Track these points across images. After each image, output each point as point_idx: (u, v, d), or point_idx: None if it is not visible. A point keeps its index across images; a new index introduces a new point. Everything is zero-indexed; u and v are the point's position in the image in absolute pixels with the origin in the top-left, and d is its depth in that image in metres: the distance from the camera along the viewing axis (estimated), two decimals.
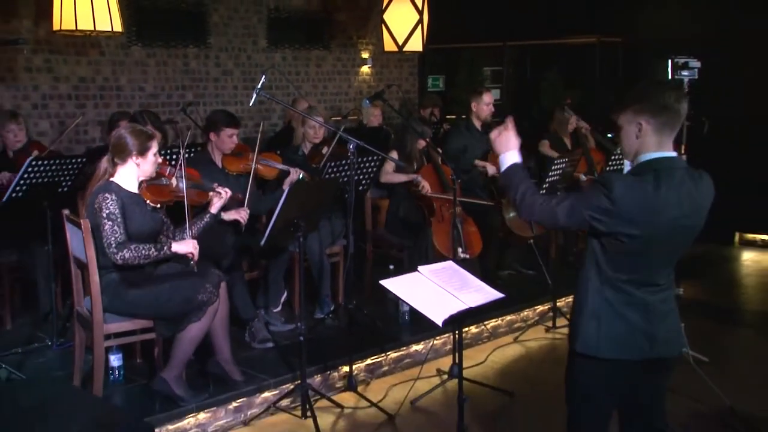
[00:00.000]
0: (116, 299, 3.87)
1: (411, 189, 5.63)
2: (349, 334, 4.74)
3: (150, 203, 3.94)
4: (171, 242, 3.90)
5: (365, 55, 9.45)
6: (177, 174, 4.12)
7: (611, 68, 9.25)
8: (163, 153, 4.77)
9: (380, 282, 3.22)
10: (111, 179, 3.88)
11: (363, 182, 5.30)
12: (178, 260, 4.02)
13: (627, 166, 2.71)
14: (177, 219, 4.11)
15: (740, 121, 7.63)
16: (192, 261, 3.88)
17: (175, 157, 4.91)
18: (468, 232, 5.53)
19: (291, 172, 5.05)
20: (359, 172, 5.15)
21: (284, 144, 6.36)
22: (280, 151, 5.57)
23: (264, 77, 4.47)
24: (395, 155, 5.65)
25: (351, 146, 4.49)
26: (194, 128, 6.46)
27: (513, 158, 2.75)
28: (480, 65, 10.59)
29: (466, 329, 5.18)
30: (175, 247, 3.86)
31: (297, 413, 4.19)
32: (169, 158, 4.96)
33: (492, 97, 6.32)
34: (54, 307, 4.81)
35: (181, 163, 4.08)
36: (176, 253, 3.88)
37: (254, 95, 4.44)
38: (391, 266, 6.00)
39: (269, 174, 5.11)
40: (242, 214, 4.59)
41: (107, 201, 3.74)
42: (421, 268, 3.32)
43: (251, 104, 4.80)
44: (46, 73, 6.86)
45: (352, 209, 4.64)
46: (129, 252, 3.73)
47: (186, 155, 4.45)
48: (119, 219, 3.75)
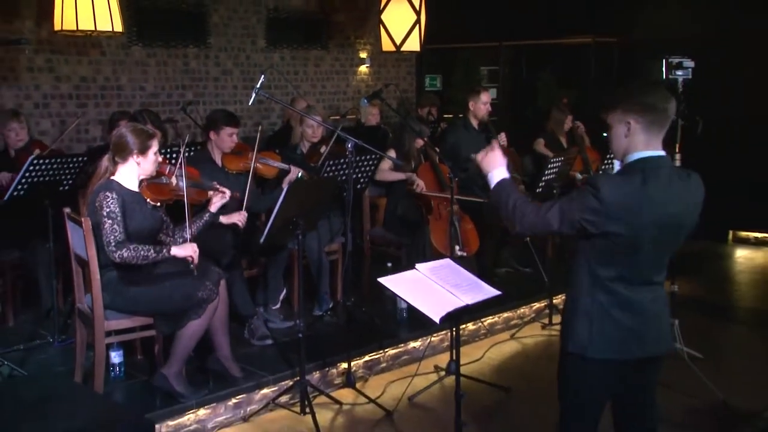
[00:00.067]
0: (117, 296, 3.89)
1: (408, 187, 5.67)
2: (348, 331, 4.75)
3: (150, 202, 3.96)
4: (171, 246, 3.90)
5: (363, 55, 9.46)
6: (177, 173, 4.14)
7: (606, 68, 9.24)
8: (164, 152, 4.79)
9: (378, 279, 3.22)
10: (112, 178, 3.90)
11: (361, 181, 5.31)
12: (178, 261, 4.04)
13: (617, 166, 2.75)
14: (177, 218, 4.13)
15: (739, 121, 7.63)
16: (192, 264, 3.89)
17: (175, 156, 4.92)
18: (465, 230, 5.55)
19: (290, 171, 5.08)
20: (357, 171, 5.17)
21: (282, 143, 6.36)
22: (279, 150, 5.59)
23: (263, 77, 4.50)
24: (393, 154, 5.67)
25: (349, 145, 4.52)
26: (194, 127, 6.49)
27: (501, 174, 2.78)
28: (476, 65, 10.59)
29: (464, 326, 5.21)
30: (175, 251, 3.87)
31: (296, 409, 4.22)
32: (169, 157, 4.98)
33: (489, 97, 6.34)
34: (55, 305, 4.85)
35: (181, 162, 4.09)
36: (175, 257, 3.89)
37: (253, 95, 4.47)
38: (389, 264, 6.06)
39: (269, 173, 5.13)
40: (240, 218, 4.63)
41: (108, 199, 3.76)
42: (419, 266, 3.33)
43: (250, 103, 4.84)
44: (48, 73, 6.88)
45: (351, 207, 4.68)
46: (128, 252, 3.74)
47: (186, 154, 4.45)
48: (119, 218, 3.77)
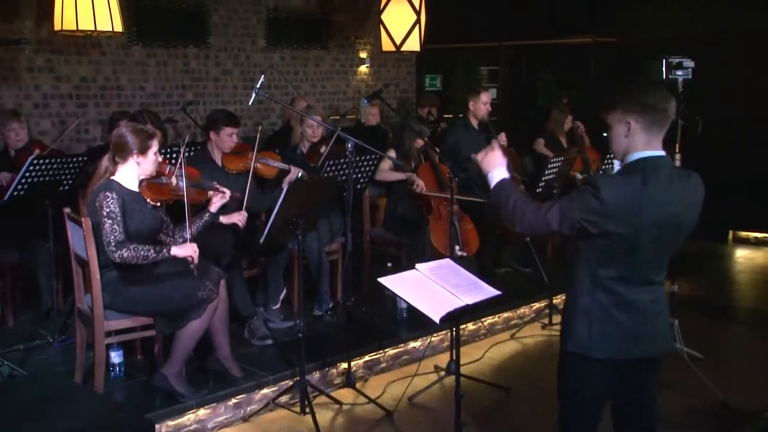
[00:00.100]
0: (117, 296, 3.90)
1: (408, 187, 5.67)
2: (348, 331, 4.75)
3: (150, 201, 3.96)
4: (171, 246, 3.91)
5: (363, 55, 9.46)
6: (177, 173, 4.14)
7: (606, 68, 9.23)
8: (164, 152, 4.78)
9: (378, 279, 3.21)
10: (112, 178, 3.90)
11: (361, 181, 5.31)
12: (178, 261, 4.04)
13: (617, 166, 2.75)
14: (177, 218, 4.13)
15: (739, 121, 7.63)
16: (192, 265, 3.90)
17: (175, 156, 4.92)
18: (465, 230, 5.55)
19: (290, 171, 5.08)
20: (357, 171, 5.17)
21: (282, 143, 6.36)
22: (279, 150, 5.60)
23: (263, 77, 4.51)
24: (393, 154, 5.67)
25: (349, 145, 4.52)
26: (194, 127, 6.49)
27: (501, 175, 2.78)
28: (476, 65, 10.58)
29: (464, 326, 5.20)
30: (175, 251, 3.87)
31: (296, 409, 4.22)
32: (169, 157, 4.98)
33: (489, 97, 6.34)
34: (55, 305, 4.85)
35: (181, 162, 4.09)
36: (175, 257, 3.90)
37: (253, 94, 4.48)
38: (389, 264, 6.06)
39: (269, 173, 5.13)
40: (240, 218, 4.63)
41: (108, 199, 3.76)
42: (419, 266, 3.32)
43: (250, 103, 4.84)
44: (48, 73, 6.88)
45: (351, 207, 4.68)
46: (128, 252, 3.74)
47: (186, 154, 4.45)
48: (119, 218, 3.77)
